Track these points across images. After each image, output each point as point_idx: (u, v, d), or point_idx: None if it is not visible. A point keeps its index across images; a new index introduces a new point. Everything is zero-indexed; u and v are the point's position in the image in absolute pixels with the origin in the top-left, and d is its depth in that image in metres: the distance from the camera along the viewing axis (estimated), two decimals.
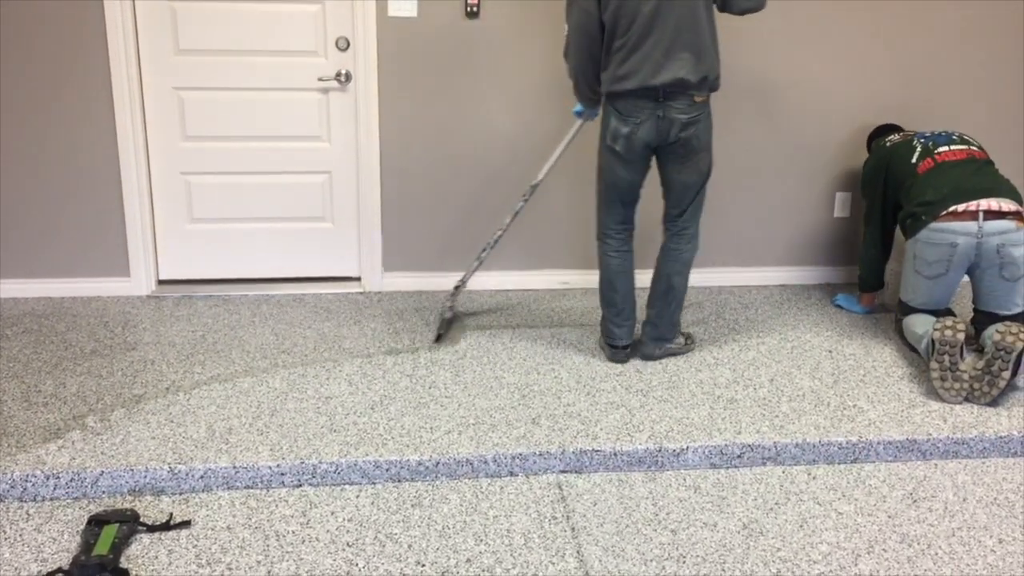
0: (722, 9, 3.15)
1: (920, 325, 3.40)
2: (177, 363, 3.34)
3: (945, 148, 3.54)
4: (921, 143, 3.61)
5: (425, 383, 3.22)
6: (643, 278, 3.56)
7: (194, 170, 3.95)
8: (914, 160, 3.56)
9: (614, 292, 3.38)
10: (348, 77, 3.88)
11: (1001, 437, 2.95)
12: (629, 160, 3.19)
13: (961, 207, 3.29)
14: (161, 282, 4.09)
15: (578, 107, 3.43)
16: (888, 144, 3.74)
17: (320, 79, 3.87)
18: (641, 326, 3.48)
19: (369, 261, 4.10)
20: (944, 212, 3.31)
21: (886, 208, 3.73)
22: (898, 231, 3.79)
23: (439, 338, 3.61)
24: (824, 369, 3.41)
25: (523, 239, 4.16)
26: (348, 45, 3.85)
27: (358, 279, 4.18)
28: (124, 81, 3.73)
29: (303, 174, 4.02)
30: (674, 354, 3.49)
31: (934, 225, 3.34)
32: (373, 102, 3.89)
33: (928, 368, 3.25)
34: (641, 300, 3.46)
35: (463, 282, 3.79)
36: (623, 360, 3.42)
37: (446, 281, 4.16)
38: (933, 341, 3.20)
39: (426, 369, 3.33)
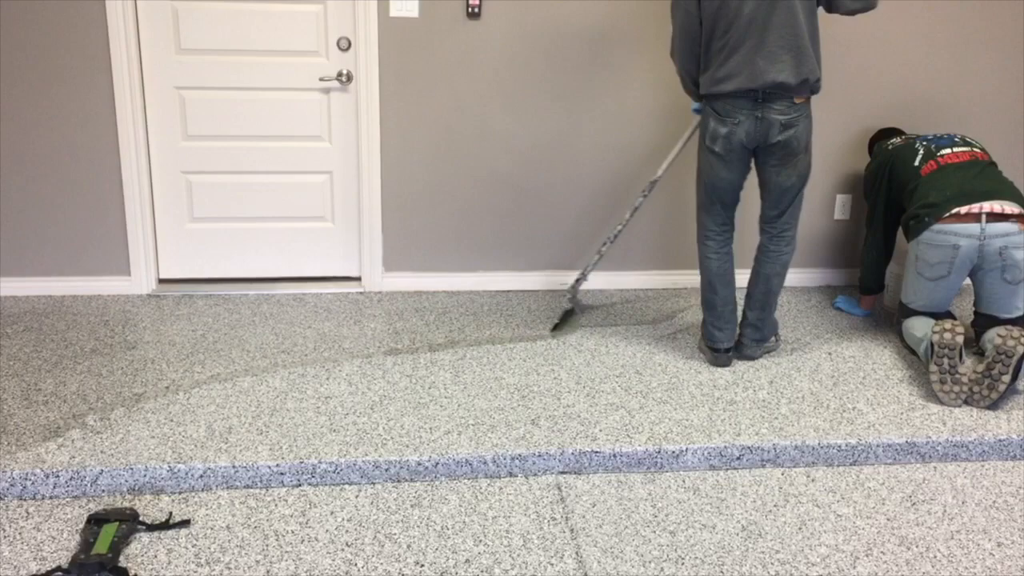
0: (829, 10, 3.13)
1: (919, 328, 3.40)
2: (177, 362, 3.34)
3: (948, 150, 3.54)
4: (923, 145, 3.61)
5: (425, 383, 3.22)
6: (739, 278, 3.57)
7: (195, 169, 3.96)
8: (917, 163, 3.56)
9: (714, 295, 3.38)
10: (349, 77, 3.88)
11: (1000, 440, 2.96)
12: (728, 161, 3.19)
13: (964, 209, 3.29)
14: (161, 281, 4.09)
15: (695, 104, 3.41)
16: (890, 147, 3.74)
17: (321, 79, 3.88)
18: (740, 327, 3.48)
19: (369, 261, 4.11)
20: (947, 214, 3.31)
21: (888, 211, 3.73)
22: (900, 233, 3.79)
23: (556, 327, 3.73)
24: (823, 371, 3.41)
25: (519, 241, 4.16)
26: (349, 45, 3.85)
27: (358, 279, 4.18)
28: (125, 80, 3.74)
29: (304, 174, 4.02)
30: (769, 351, 3.53)
31: (937, 227, 3.34)
32: (374, 102, 3.89)
33: (927, 371, 3.25)
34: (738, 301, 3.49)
35: (584, 275, 3.87)
36: (726, 364, 3.42)
37: (446, 281, 4.16)
38: (932, 344, 3.20)
39: (426, 369, 3.33)
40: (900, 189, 3.62)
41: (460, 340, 3.62)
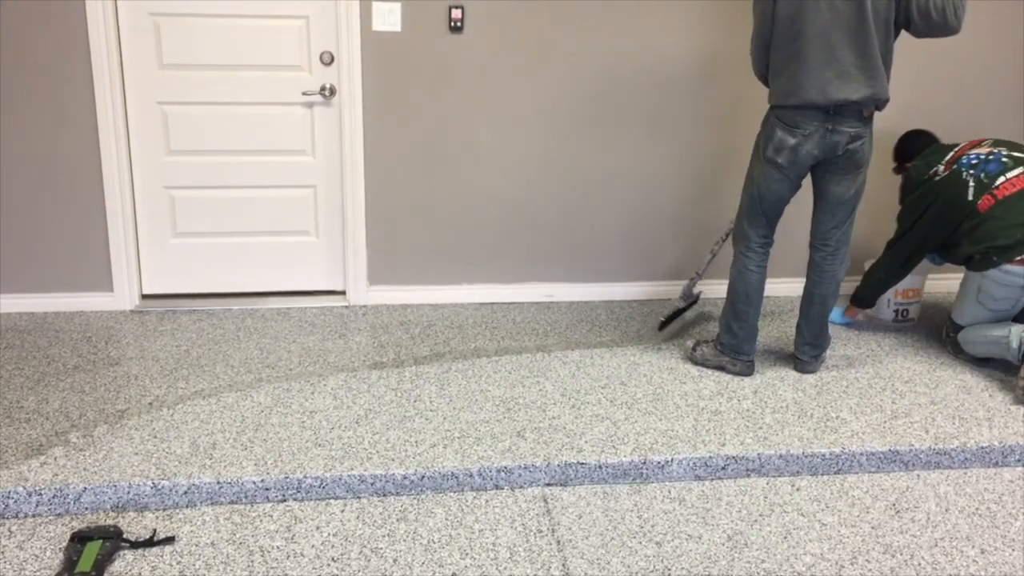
0: (908, 29, 3.05)
1: (996, 328, 3.45)
2: (161, 378, 3.33)
3: (1002, 178, 3.46)
4: (972, 175, 3.50)
5: (410, 397, 3.22)
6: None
7: (178, 184, 3.95)
8: (971, 197, 3.48)
9: (749, 307, 3.35)
10: (332, 91, 3.89)
11: (982, 448, 2.98)
12: (788, 173, 3.15)
13: None
14: (145, 297, 4.08)
15: None
16: (936, 180, 3.59)
17: (304, 93, 3.88)
18: (798, 344, 3.48)
19: (354, 275, 4.10)
20: (1018, 258, 3.35)
21: (921, 250, 3.66)
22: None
23: (663, 326, 3.78)
24: (807, 381, 3.43)
25: (503, 254, 4.17)
26: (332, 59, 3.86)
27: (343, 293, 4.18)
28: (107, 95, 3.73)
29: (288, 188, 4.02)
30: (823, 362, 3.55)
31: (1007, 267, 3.38)
32: (358, 116, 3.89)
33: (1020, 370, 3.28)
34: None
35: (699, 273, 3.86)
36: (752, 372, 3.43)
37: (431, 294, 4.16)
38: None
39: (411, 383, 3.33)
40: (952, 226, 3.54)
41: (445, 353, 3.62)
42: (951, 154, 3.63)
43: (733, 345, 3.41)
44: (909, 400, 3.28)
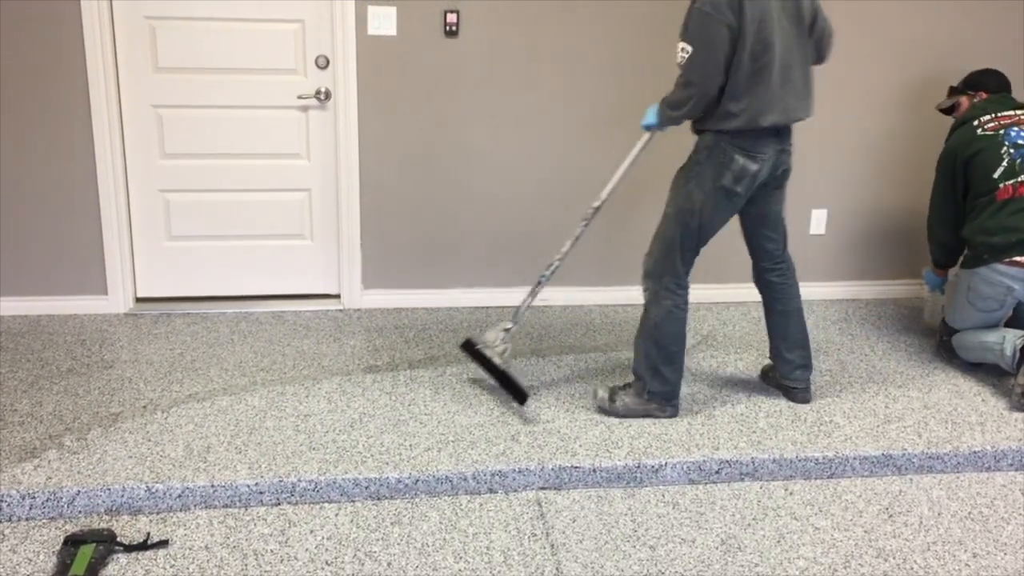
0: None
1: (990, 334, 3.45)
2: (155, 381, 3.32)
3: None
4: (1009, 155, 3.43)
5: (404, 400, 3.22)
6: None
7: (172, 188, 3.95)
8: (997, 175, 3.43)
9: (681, 348, 3.09)
10: (328, 95, 3.89)
11: (975, 452, 2.99)
12: (740, 202, 3.02)
13: None
14: (139, 300, 4.07)
15: (652, 119, 3.05)
16: (980, 132, 3.51)
17: (300, 97, 3.88)
18: (786, 372, 3.27)
19: (348, 278, 4.10)
20: (1007, 259, 3.36)
21: (957, 194, 3.60)
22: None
23: (470, 348, 3.31)
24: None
25: (497, 258, 4.17)
26: (328, 63, 3.86)
27: (337, 296, 4.18)
28: (102, 99, 3.73)
29: (282, 191, 4.02)
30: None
31: (996, 267, 3.39)
32: (353, 120, 3.90)
33: (1015, 377, 3.28)
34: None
35: (516, 319, 3.33)
36: (678, 413, 3.16)
37: (425, 298, 4.16)
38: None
39: (405, 387, 3.33)
40: (972, 189, 3.53)
41: (440, 357, 3.62)
42: (1008, 113, 3.53)
43: (665, 393, 3.11)
44: (902, 404, 3.29)
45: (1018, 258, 3.34)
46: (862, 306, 4.34)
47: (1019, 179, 3.40)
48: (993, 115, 3.53)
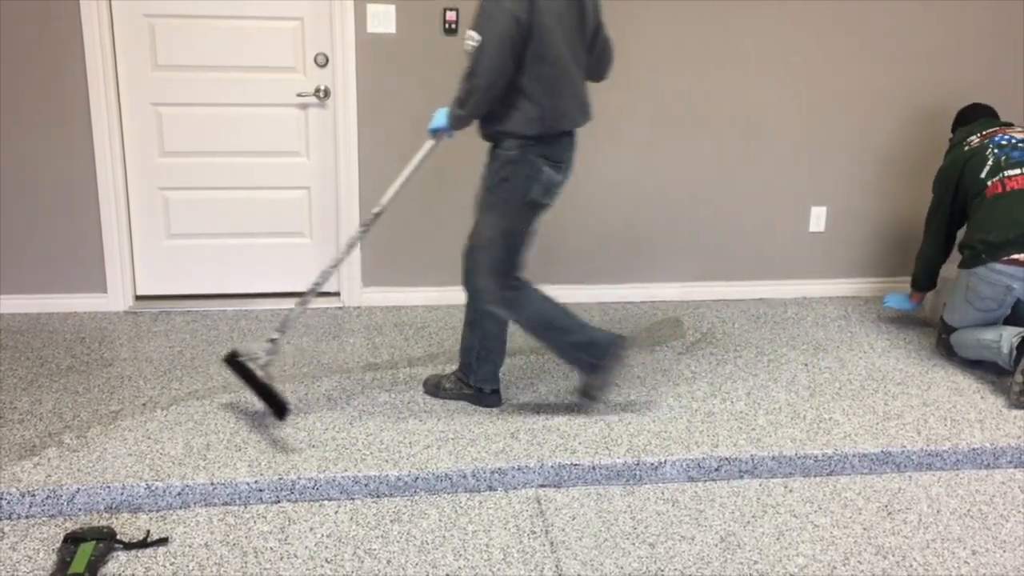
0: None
1: (988, 332, 3.44)
2: (154, 379, 3.32)
3: (1017, 171, 3.44)
4: (994, 155, 3.51)
5: (404, 398, 3.22)
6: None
7: (172, 186, 3.95)
8: (983, 175, 3.50)
9: (570, 317, 3.02)
10: (327, 93, 3.89)
11: (974, 449, 2.99)
12: (544, 212, 2.94)
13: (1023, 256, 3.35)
14: (138, 298, 4.07)
15: (440, 122, 2.90)
16: (966, 150, 3.63)
17: (299, 95, 3.88)
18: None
19: (348, 276, 4.11)
20: (1005, 257, 3.36)
21: (953, 212, 3.68)
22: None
23: (233, 362, 3.07)
24: (800, 382, 3.44)
25: None
26: (327, 61, 3.86)
27: (337, 294, 4.18)
28: (102, 97, 3.73)
29: (281, 190, 4.02)
30: None
31: (993, 266, 3.39)
32: (352, 118, 3.90)
33: (1012, 375, 3.27)
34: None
35: (281, 331, 3.13)
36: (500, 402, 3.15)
37: (425, 296, 4.16)
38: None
39: (405, 384, 3.33)
40: (966, 197, 3.59)
41: (439, 354, 3.62)
42: (991, 129, 3.63)
43: (597, 348, 3.00)
44: (901, 402, 3.29)
45: (1016, 256, 3.34)
46: (861, 303, 4.34)
47: (1006, 174, 3.45)
48: (978, 134, 3.65)
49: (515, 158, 2.81)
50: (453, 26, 3.83)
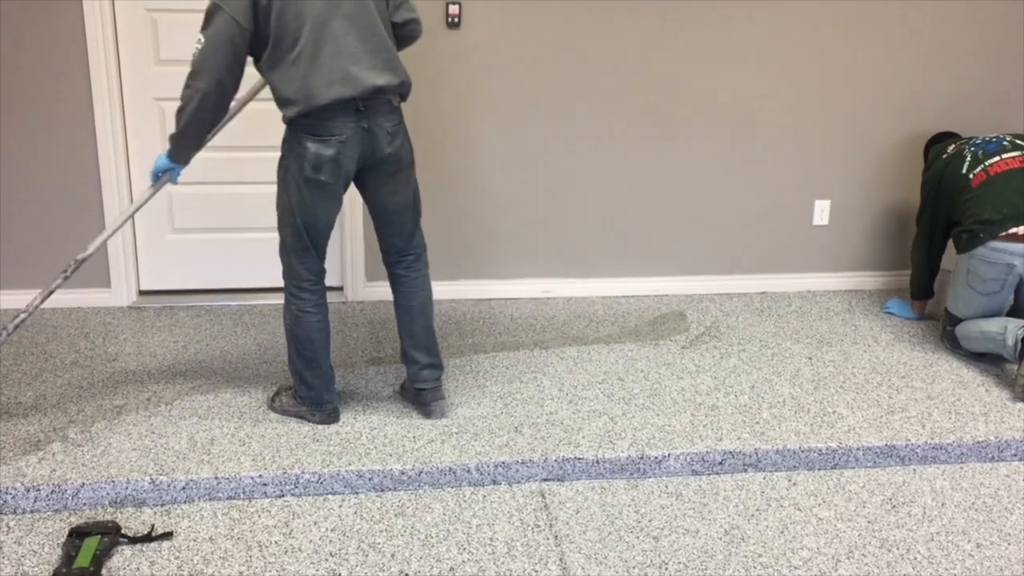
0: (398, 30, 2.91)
1: (992, 324, 3.44)
2: (158, 374, 3.33)
3: (996, 158, 3.51)
4: (971, 151, 3.61)
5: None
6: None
7: None
8: (965, 170, 3.57)
9: (317, 352, 2.92)
10: None
11: (979, 442, 2.99)
12: (335, 190, 2.80)
13: (1021, 230, 3.34)
14: (142, 293, 4.08)
15: (165, 162, 2.97)
16: (944, 157, 3.74)
17: None
18: (414, 373, 3.04)
19: (351, 271, 4.10)
20: (1003, 233, 3.36)
21: (936, 226, 3.75)
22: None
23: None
24: (804, 376, 3.43)
25: (500, 249, 4.17)
26: None
27: (340, 289, 4.18)
28: (104, 91, 3.72)
29: None
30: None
31: (993, 244, 3.39)
32: None
33: (1018, 367, 3.26)
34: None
35: (16, 324, 2.93)
36: (337, 418, 3.01)
37: None
38: None
39: None
40: (951, 199, 3.63)
41: (442, 348, 3.61)
42: (965, 138, 3.77)
43: (312, 397, 2.96)
44: (906, 395, 3.29)
45: (1015, 230, 3.34)
46: (865, 297, 4.34)
47: (987, 163, 3.53)
48: (954, 143, 3.78)
49: (288, 137, 2.84)
50: (456, 20, 3.82)
